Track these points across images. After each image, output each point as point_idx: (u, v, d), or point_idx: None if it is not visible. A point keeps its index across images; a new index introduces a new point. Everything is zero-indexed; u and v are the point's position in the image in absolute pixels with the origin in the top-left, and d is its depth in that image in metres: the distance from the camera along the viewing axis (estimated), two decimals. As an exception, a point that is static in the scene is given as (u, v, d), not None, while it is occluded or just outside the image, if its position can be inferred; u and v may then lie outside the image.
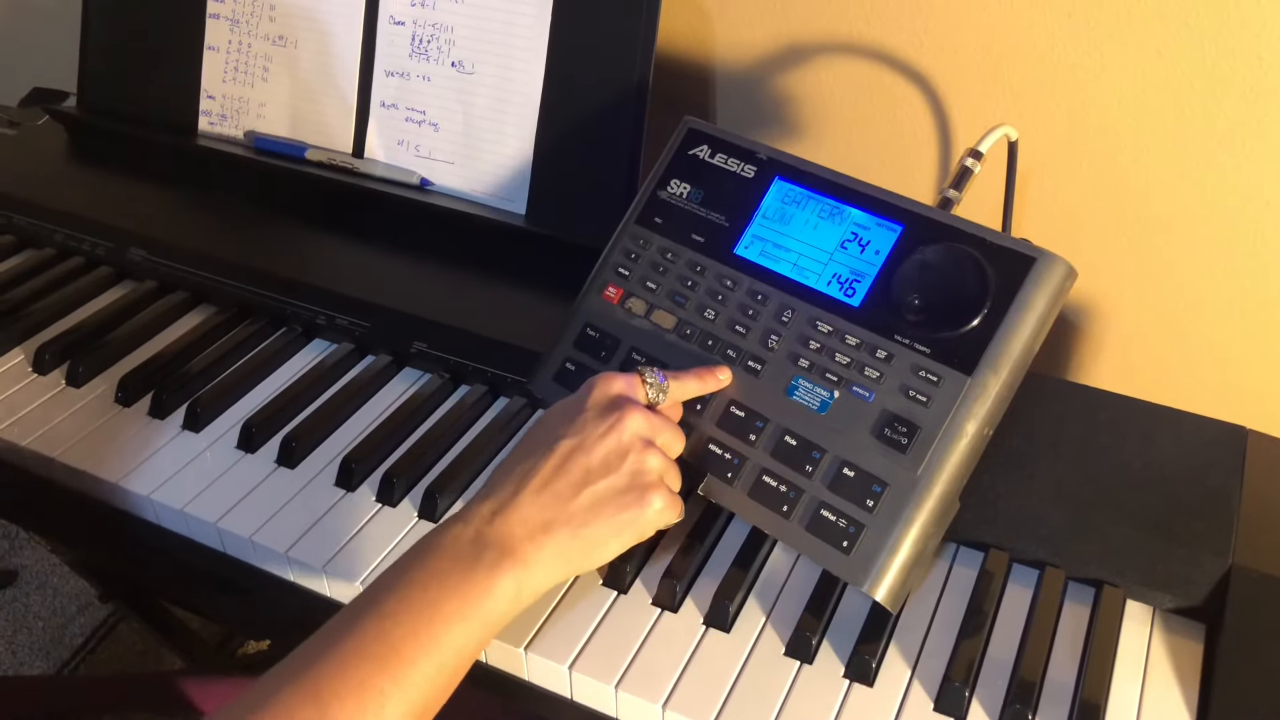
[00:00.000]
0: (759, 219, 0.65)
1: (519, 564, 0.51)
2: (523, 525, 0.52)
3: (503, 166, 0.84)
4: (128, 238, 0.85)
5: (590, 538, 0.53)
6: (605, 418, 0.56)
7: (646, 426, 0.56)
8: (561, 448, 0.54)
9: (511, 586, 0.51)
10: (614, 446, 0.55)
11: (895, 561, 0.55)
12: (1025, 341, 0.57)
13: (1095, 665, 0.55)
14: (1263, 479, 0.61)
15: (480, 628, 0.50)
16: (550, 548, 0.52)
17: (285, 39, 0.90)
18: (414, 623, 0.48)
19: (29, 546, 1.55)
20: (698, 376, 0.61)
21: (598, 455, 0.54)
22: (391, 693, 0.47)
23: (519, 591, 0.51)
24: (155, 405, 0.72)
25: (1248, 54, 0.70)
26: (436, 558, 0.51)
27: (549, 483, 0.53)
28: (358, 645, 0.48)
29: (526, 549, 0.52)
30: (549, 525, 0.52)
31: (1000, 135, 0.67)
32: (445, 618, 0.49)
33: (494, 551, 0.51)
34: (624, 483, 0.54)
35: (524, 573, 0.51)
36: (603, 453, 0.54)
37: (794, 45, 0.86)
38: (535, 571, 0.52)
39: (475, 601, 0.50)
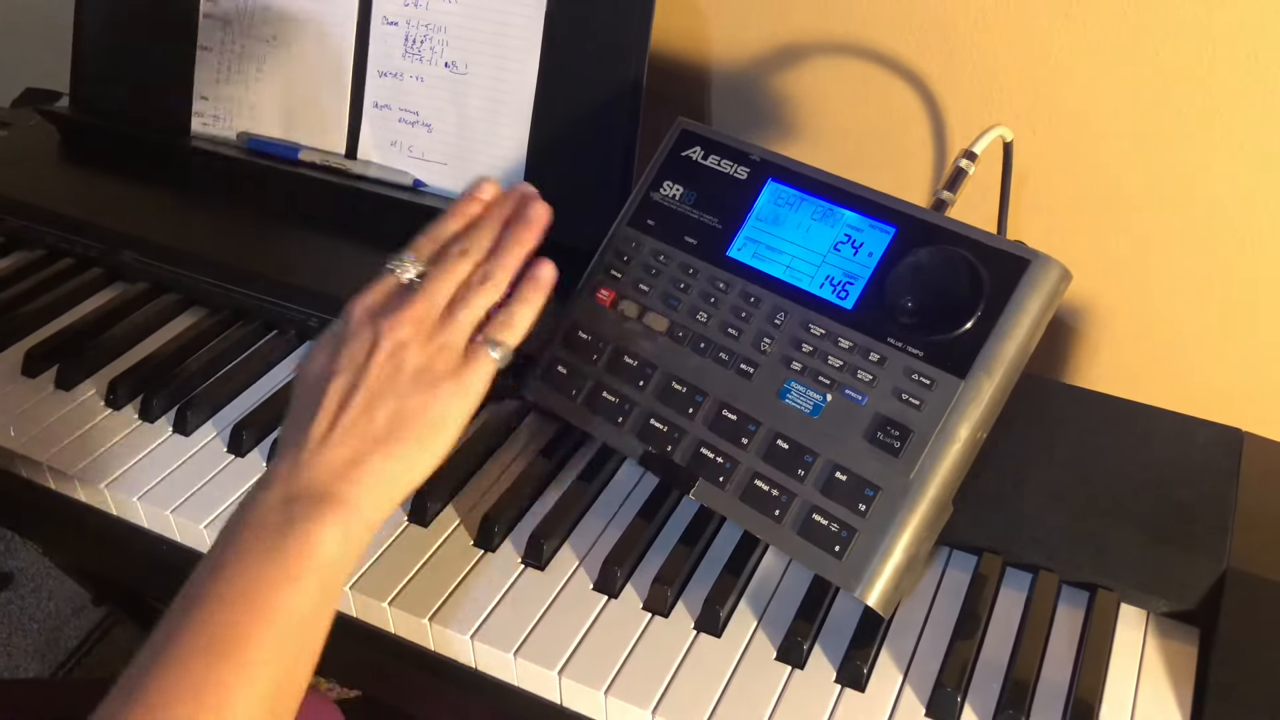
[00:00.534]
0: (752, 221, 0.64)
1: (337, 505, 0.48)
2: (328, 468, 0.49)
3: (496, 168, 0.84)
4: (119, 239, 0.85)
5: (409, 452, 0.50)
6: (364, 333, 0.52)
7: (411, 322, 0.52)
8: (337, 383, 0.51)
9: (336, 531, 0.47)
10: (386, 361, 0.51)
11: (887, 566, 0.54)
12: (1019, 344, 0.56)
13: (1089, 670, 0.54)
14: (1258, 482, 0.61)
15: (316, 585, 0.47)
16: (369, 479, 0.49)
17: (278, 39, 0.90)
18: (239, 601, 0.45)
19: (24, 549, 1.55)
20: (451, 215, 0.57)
21: (374, 377, 0.50)
22: (233, 684, 0.43)
23: (346, 533, 0.48)
24: (145, 408, 0.72)
25: (1244, 55, 0.70)
26: (245, 529, 0.47)
27: (337, 419, 0.50)
28: (186, 642, 0.44)
29: (340, 488, 0.48)
30: (357, 458, 0.49)
31: (995, 136, 0.67)
32: (271, 585, 0.45)
33: (304, 503, 0.47)
34: (411, 386, 0.51)
35: (346, 512, 0.48)
36: (378, 371, 0.51)
37: (789, 46, 0.86)
38: (361, 506, 0.49)
39: (300, 559, 0.46)
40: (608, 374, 0.64)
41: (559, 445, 0.69)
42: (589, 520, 0.64)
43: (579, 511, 0.64)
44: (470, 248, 0.55)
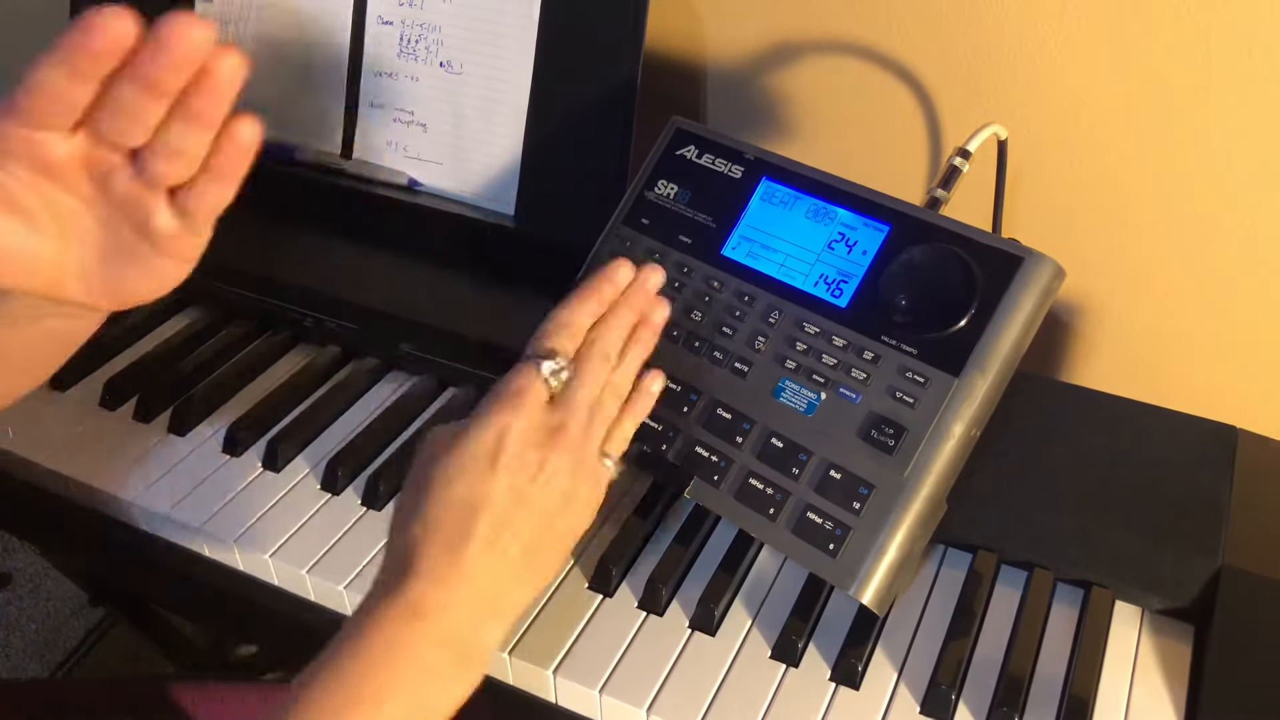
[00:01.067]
0: (746, 220, 0.64)
1: (483, 658, 0.48)
2: (476, 604, 0.47)
3: (491, 167, 0.84)
4: (115, 240, 0.85)
5: (542, 575, 0.50)
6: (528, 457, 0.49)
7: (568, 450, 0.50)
8: (494, 511, 0.47)
9: (476, 681, 0.47)
10: (544, 486, 0.49)
11: (882, 564, 0.54)
12: (1013, 342, 0.56)
13: (1083, 667, 0.54)
14: (1252, 479, 0.61)
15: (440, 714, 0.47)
16: (507, 616, 0.49)
17: (274, 39, 0.90)
18: None
19: (22, 550, 1.55)
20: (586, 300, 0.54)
21: (536, 503, 0.49)
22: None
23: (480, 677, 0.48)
24: (140, 409, 0.72)
25: (1238, 52, 0.70)
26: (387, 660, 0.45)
27: (490, 547, 0.47)
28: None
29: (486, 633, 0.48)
30: (502, 593, 0.48)
31: (989, 134, 0.67)
32: None
33: (458, 651, 0.46)
34: (560, 511, 0.50)
35: (486, 661, 0.48)
36: (539, 498, 0.49)
37: (783, 45, 0.86)
38: (494, 647, 0.49)
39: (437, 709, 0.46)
40: (602, 373, 0.64)
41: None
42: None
43: (574, 511, 0.64)
44: (609, 350, 0.53)
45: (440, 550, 0.47)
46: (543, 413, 0.50)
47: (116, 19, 0.38)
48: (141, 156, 0.42)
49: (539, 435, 0.49)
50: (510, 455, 0.48)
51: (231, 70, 0.42)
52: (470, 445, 0.49)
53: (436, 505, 0.48)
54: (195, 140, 0.42)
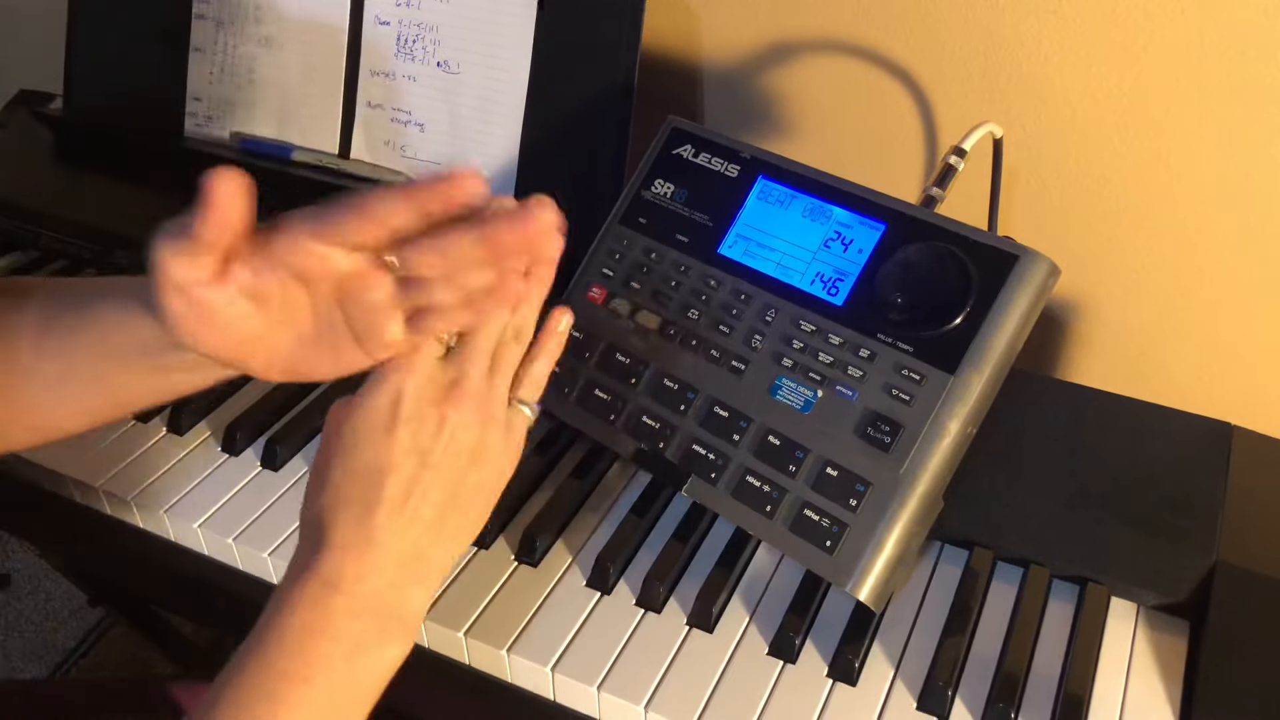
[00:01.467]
0: (742, 218, 0.65)
1: (404, 626, 0.47)
2: (394, 569, 0.46)
3: (488, 167, 0.84)
4: (113, 240, 0.85)
5: (462, 532, 0.49)
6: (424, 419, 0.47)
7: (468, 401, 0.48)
8: (399, 476, 0.47)
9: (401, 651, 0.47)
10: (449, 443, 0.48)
11: (878, 561, 0.55)
12: (1008, 339, 0.57)
13: (1079, 663, 0.55)
14: (1247, 475, 0.61)
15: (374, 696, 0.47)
16: (430, 575, 0.48)
17: (271, 40, 0.90)
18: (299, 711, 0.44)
19: (21, 550, 1.55)
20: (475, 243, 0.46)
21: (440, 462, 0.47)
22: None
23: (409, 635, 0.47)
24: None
25: (1233, 50, 0.70)
26: (309, 639, 0.45)
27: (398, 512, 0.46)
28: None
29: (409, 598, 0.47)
30: (419, 553, 0.47)
31: (985, 132, 0.67)
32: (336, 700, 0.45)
33: (380, 621, 0.46)
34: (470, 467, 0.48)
35: (412, 631, 0.48)
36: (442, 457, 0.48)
37: (779, 44, 0.86)
38: (421, 610, 0.48)
39: (369, 682, 0.46)
40: (600, 372, 0.65)
41: (551, 443, 0.69)
42: (582, 517, 0.64)
43: (572, 508, 0.65)
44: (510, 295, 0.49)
45: (349, 520, 0.46)
46: (436, 367, 0.48)
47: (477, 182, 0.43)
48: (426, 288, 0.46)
49: (435, 391, 0.48)
50: (407, 415, 0.47)
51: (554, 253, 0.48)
52: (366, 411, 0.47)
53: (341, 475, 0.47)
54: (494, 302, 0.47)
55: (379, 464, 0.47)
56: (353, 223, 0.45)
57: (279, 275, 0.46)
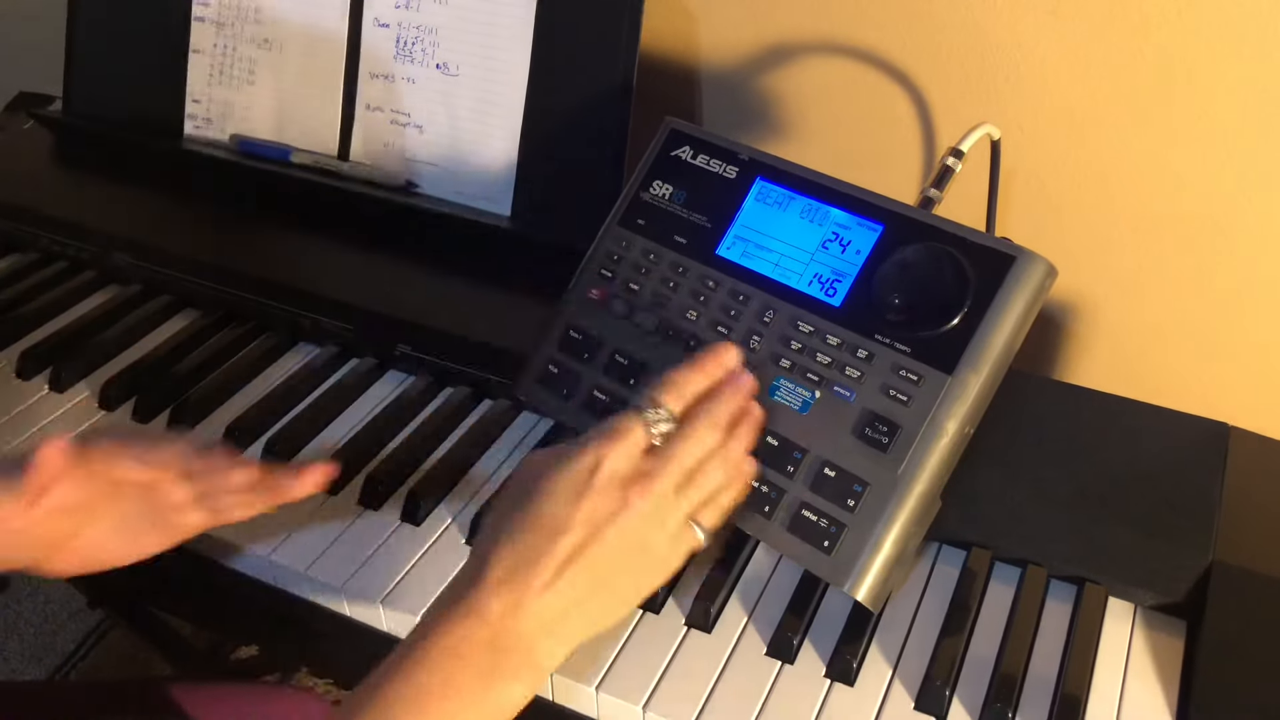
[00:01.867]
0: (741, 220, 0.65)
1: (537, 671, 0.48)
2: (539, 620, 0.48)
3: (487, 169, 0.84)
4: (112, 241, 0.85)
5: (606, 616, 0.51)
6: (610, 495, 0.50)
7: (657, 497, 0.51)
8: (572, 539, 0.49)
9: (526, 690, 0.48)
10: (623, 529, 0.50)
11: (876, 561, 0.55)
12: (1005, 340, 0.57)
13: (1076, 662, 0.55)
14: (1244, 476, 0.61)
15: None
16: (567, 637, 0.49)
17: (270, 42, 0.90)
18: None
19: (20, 552, 1.55)
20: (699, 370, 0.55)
21: (611, 543, 0.50)
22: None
23: (532, 688, 0.49)
24: (139, 410, 0.72)
25: (1231, 52, 0.70)
26: (450, 660, 0.47)
27: (560, 573, 0.49)
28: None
29: (543, 648, 0.48)
30: (564, 616, 0.49)
31: (982, 134, 0.67)
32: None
33: (512, 659, 0.48)
34: (634, 560, 0.50)
35: (539, 674, 0.49)
36: (613, 541, 0.50)
37: (778, 46, 0.86)
38: (550, 666, 0.49)
39: (490, 709, 0.48)
40: (599, 373, 0.65)
41: (550, 445, 0.69)
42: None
43: (571, 509, 0.65)
44: (718, 417, 0.54)
45: (513, 564, 0.49)
46: (638, 457, 0.51)
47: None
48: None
49: (629, 475, 0.50)
50: (599, 487, 0.50)
51: None
52: (564, 470, 0.50)
53: (520, 521, 0.50)
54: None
55: (558, 523, 0.49)
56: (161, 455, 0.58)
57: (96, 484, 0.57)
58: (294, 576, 0.62)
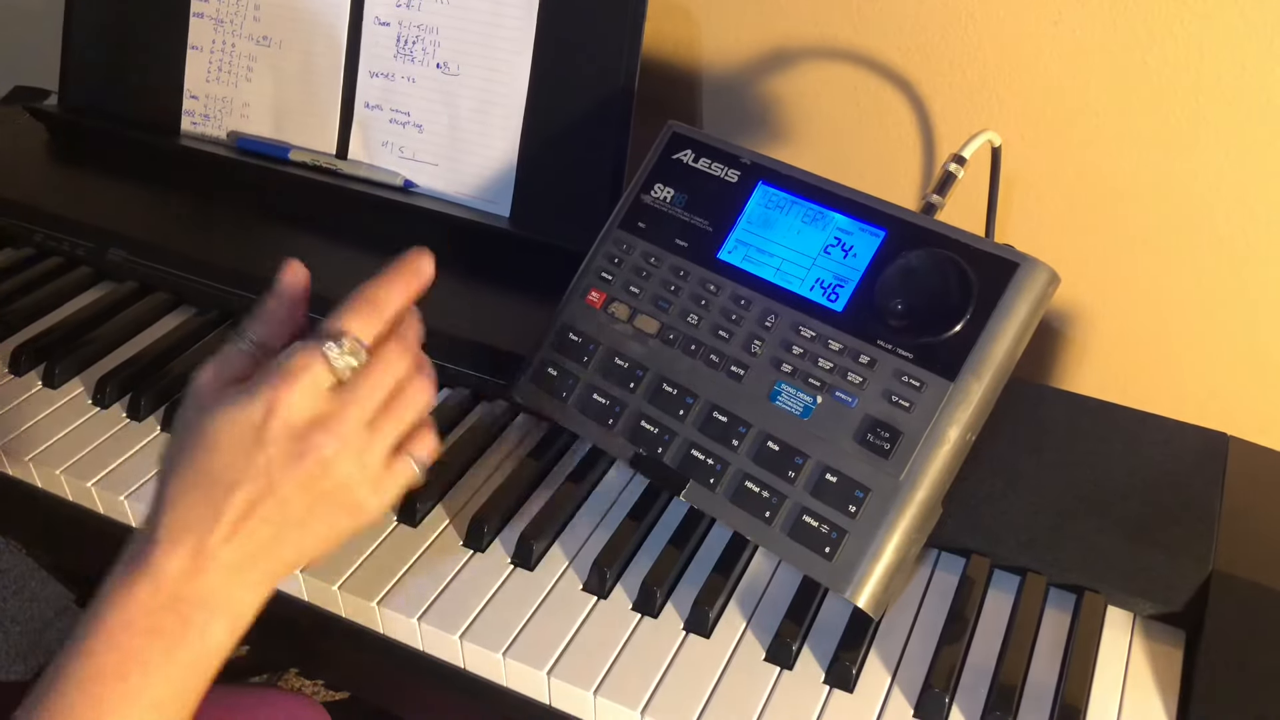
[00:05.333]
0: (742, 224, 0.65)
1: (231, 614, 0.46)
2: (221, 575, 0.46)
3: (487, 169, 0.84)
4: (108, 238, 0.85)
5: (302, 555, 0.48)
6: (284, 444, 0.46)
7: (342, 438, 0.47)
8: (245, 492, 0.46)
9: (225, 633, 0.46)
10: (307, 479, 0.46)
11: (877, 567, 0.55)
12: (1008, 347, 0.57)
13: (1075, 671, 0.54)
14: (1243, 486, 0.61)
15: (202, 679, 0.46)
16: (257, 583, 0.47)
17: (270, 39, 0.90)
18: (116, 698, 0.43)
19: (7, 549, 1.54)
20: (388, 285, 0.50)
21: (292, 495, 0.46)
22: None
23: (234, 631, 0.47)
24: (132, 407, 0.72)
25: (1232, 63, 0.71)
26: (127, 637, 0.44)
27: (237, 529, 0.46)
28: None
29: (234, 595, 0.46)
30: (251, 563, 0.46)
31: (984, 141, 0.67)
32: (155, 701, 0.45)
33: (201, 613, 0.45)
34: (327, 507, 0.47)
35: (237, 617, 0.47)
36: (294, 493, 0.46)
37: (780, 50, 0.86)
38: (247, 607, 0.47)
39: (188, 666, 0.45)
40: (598, 376, 0.64)
41: (548, 446, 0.69)
42: (578, 521, 0.64)
43: (568, 512, 0.64)
44: (413, 342, 0.50)
45: (188, 520, 0.45)
46: (320, 397, 0.47)
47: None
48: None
49: (307, 421, 0.46)
50: (271, 438, 0.45)
51: None
52: (235, 416, 0.46)
53: (192, 471, 0.46)
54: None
55: (230, 477, 0.46)
56: None
57: None
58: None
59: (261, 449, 0.46)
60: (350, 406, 0.47)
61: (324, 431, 0.46)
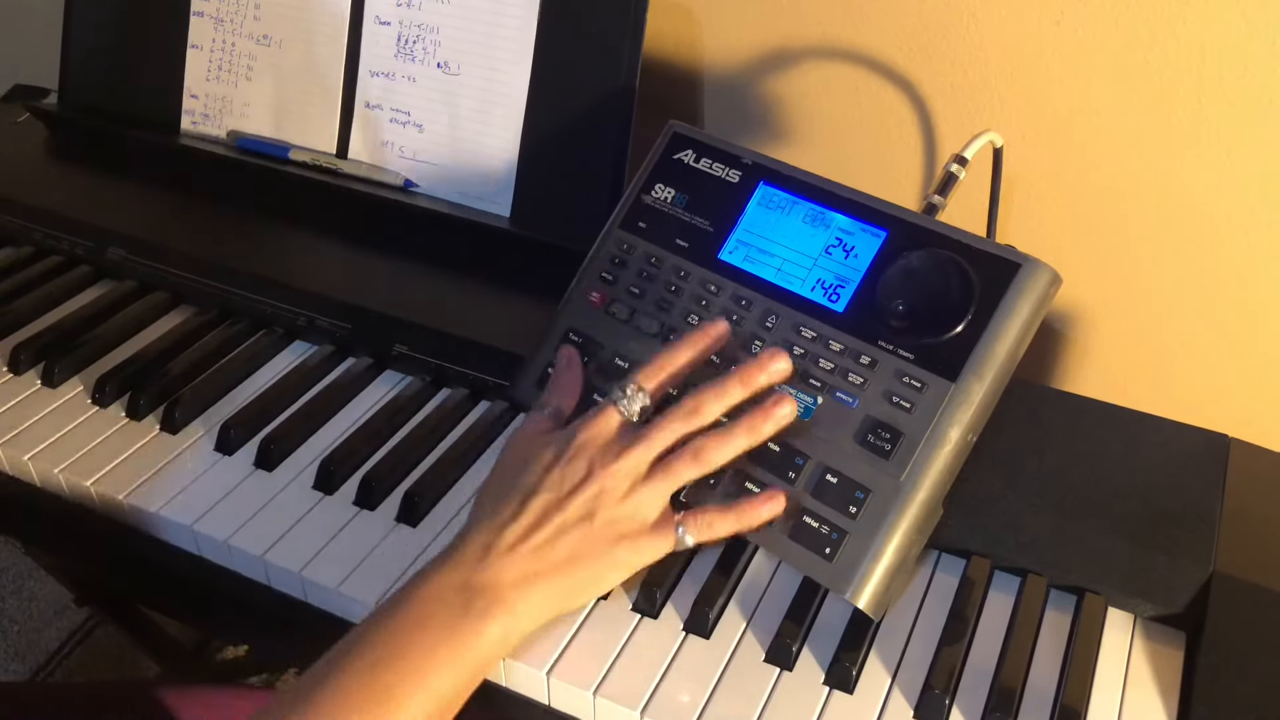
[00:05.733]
0: (743, 224, 0.65)
1: (507, 611, 0.51)
2: (507, 573, 0.52)
3: (487, 168, 0.84)
4: (107, 236, 0.85)
5: (573, 587, 0.53)
6: (580, 464, 0.55)
7: (621, 476, 0.54)
8: (542, 499, 0.54)
9: (499, 631, 0.51)
10: (587, 500, 0.54)
11: (878, 569, 0.55)
12: (1009, 348, 0.56)
13: (1076, 673, 0.54)
14: (1244, 487, 0.61)
15: (469, 672, 0.50)
16: (535, 596, 0.52)
17: (270, 38, 0.90)
18: (405, 668, 0.49)
19: (6, 548, 1.53)
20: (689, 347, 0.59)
21: (573, 511, 0.54)
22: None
23: (506, 636, 0.51)
24: (132, 406, 0.71)
25: (1234, 64, 0.71)
26: (425, 603, 0.51)
27: (529, 534, 0.53)
28: (352, 688, 0.48)
29: (512, 596, 0.52)
30: (532, 576, 0.52)
31: (985, 141, 0.67)
32: (436, 664, 0.49)
33: (482, 599, 0.51)
34: (598, 533, 0.54)
35: (511, 619, 0.51)
36: (578, 507, 0.54)
37: (781, 50, 0.86)
38: (522, 618, 0.52)
39: (465, 647, 0.50)
40: (599, 376, 0.64)
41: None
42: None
43: (569, 513, 0.64)
44: (702, 408, 0.56)
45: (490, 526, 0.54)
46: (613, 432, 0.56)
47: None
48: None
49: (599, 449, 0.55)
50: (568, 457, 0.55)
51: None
52: (546, 443, 0.57)
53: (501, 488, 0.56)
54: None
55: (529, 487, 0.55)
56: None
57: None
58: (287, 576, 0.61)
59: (559, 465, 0.55)
60: (635, 447, 0.55)
61: (611, 465, 0.54)
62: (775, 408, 0.56)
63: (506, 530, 0.53)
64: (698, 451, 0.55)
